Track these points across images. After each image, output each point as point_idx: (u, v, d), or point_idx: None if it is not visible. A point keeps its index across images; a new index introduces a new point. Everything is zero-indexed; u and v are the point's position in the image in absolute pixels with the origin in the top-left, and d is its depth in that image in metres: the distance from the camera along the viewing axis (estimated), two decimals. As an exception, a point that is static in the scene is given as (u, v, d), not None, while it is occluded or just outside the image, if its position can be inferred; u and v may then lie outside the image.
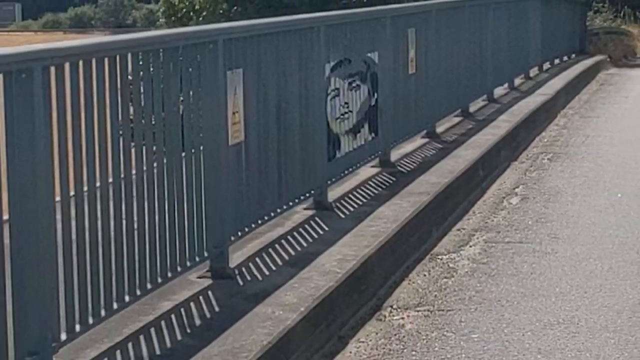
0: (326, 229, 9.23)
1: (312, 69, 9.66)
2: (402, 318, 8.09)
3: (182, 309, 6.90)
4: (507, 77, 21.36)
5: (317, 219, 9.50)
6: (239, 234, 8.13)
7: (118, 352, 6.02)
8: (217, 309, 7.04)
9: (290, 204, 9.15)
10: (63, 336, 5.47)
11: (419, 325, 7.86)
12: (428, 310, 8.23)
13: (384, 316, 8.13)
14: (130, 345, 6.15)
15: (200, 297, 7.21)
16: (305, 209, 9.54)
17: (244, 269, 7.90)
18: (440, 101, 14.84)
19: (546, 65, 27.28)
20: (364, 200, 10.26)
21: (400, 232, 9.56)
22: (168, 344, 6.23)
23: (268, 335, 6.37)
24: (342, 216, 9.61)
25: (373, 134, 11.34)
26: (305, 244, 8.82)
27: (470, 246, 10.11)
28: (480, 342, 7.33)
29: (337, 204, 9.89)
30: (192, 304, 7.06)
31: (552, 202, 12.18)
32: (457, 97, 16.10)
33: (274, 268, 8.03)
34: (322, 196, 9.62)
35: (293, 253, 8.54)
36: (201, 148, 7.40)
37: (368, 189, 10.74)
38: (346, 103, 10.46)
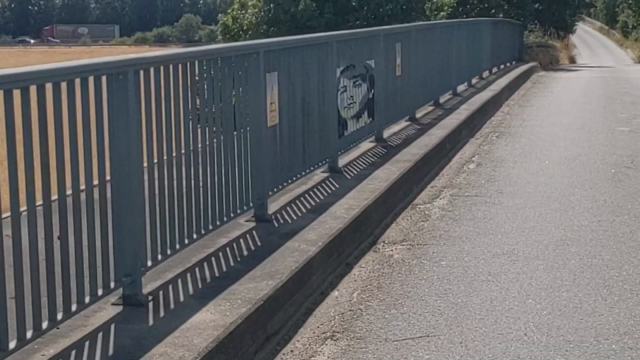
0: (337, 186, 9.28)
1: (327, 72, 9.63)
2: (391, 250, 8.24)
3: (234, 244, 7.11)
4: (466, 78, 21.11)
5: (330, 179, 9.55)
6: (275, 189, 8.24)
7: (188, 274, 6.29)
8: (259, 244, 7.24)
9: (312, 168, 9.20)
10: (149, 263, 5.85)
11: (403, 256, 8.05)
12: (410, 245, 8.40)
13: (378, 249, 8.31)
14: (197, 269, 6.44)
15: (247, 235, 7.41)
16: (322, 172, 9.56)
17: (278, 215, 8.05)
18: (419, 95, 14.65)
19: (494, 69, 27.31)
20: (364, 166, 10.27)
21: (390, 189, 9.56)
22: (224, 268, 6.55)
23: (296, 262, 6.67)
24: (349, 177, 9.63)
25: (371, 119, 11.25)
26: (322, 197, 8.89)
27: (440, 199, 10.22)
28: (447, 268, 7.55)
29: (345, 169, 9.91)
30: (241, 240, 7.28)
31: (498, 167, 12.04)
32: (430, 92, 15.91)
33: (299, 214, 8.22)
34: (334, 163, 9.64)
35: (313, 204, 8.64)
36: (247, 129, 7.56)
37: (367, 158, 10.74)
38: (351, 96, 10.44)
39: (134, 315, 5.49)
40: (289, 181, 8.84)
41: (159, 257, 6.10)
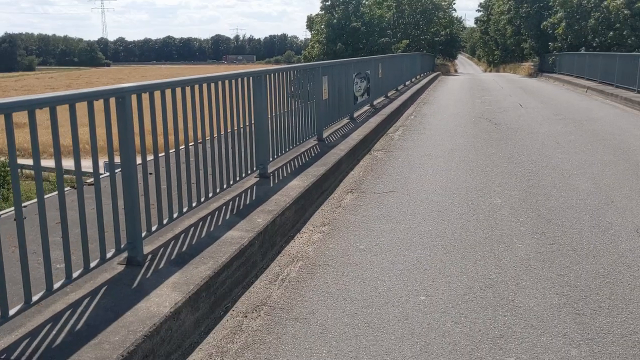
0: (353, 126, 10.54)
1: (348, 76, 10.95)
2: (377, 154, 9.53)
3: (309, 149, 8.14)
4: (408, 78, 24.09)
5: (350, 123, 10.75)
6: (325, 127, 9.31)
7: (289, 163, 7.05)
8: (318, 150, 8.21)
9: (342, 118, 10.65)
10: (271, 158, 6.88)
11: (382, 156, 9.30)
12: (385, 152, 9.67)
13: (371, 154, 9.54)
14: (293, 160, 7.29)
15: (312, 148, 8.27)
16: (346, 120, 10.83)
17: (327, 138, 8.91)
18: (389, 86, 16.95)
19: (422, 75, 30.07)
20: (365, 117, 11.71)
21: (377, 127, 10.81)
22: (304, 160, 7.44)
23: (335, 159, 7.77)
24: (358, 122, 11.00)
25: (367, 96, 13.11)
26: (345, 130, 9.91)
27: (397, 132, 11.91)
28: (402, 159, 8.97)
29: (357, 118, 11.46)
30: (311, 149, 8.25)
31: (424, 118, 14.14)
32: (393, 85, 18.75)
33: (336, 137, 9.22)
34: (352, 115, 11.25)
35: (342, 133, 9.64)
36: (314, 100, 8.49)
37: (365, 114, 12.25)
38: (359, 87, 12.24)
39: (264, 181, 6.06)
40: (332, 123, 9.80)
41: (277, 155, 6.73)
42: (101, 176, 3.70)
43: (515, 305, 3.82)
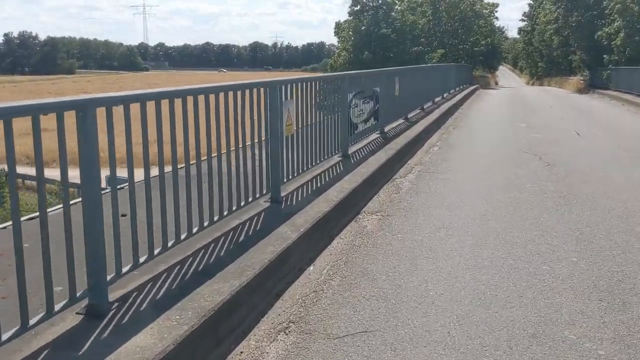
0: (337, 171, 8.05)
1: (342, 95, 8.61)
2: (368, 220, 7.81)
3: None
4: (440, 93, 20.85)
5: (339, 164, 8.09)
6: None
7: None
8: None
9: (332, 154, 8.86)
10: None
11: (376, 225, 6.61)
12: (381, 215, 6.91)
13: (357, 221, 6.72)
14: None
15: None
16: (338, 157, 8.00)
17: (291, 196, 5.83)
18: (412, 104, 13.62)
19: (457, 88, 26.62)
20: (363, 154, 8.79)
21: (378, 170, 7.95)
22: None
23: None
24: (353, 162, 8.32)
25: (375, 121, 9.90)
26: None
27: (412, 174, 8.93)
28: (405, 245, 6.23)
29: (354, 156, 8.62)
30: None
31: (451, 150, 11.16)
32: (418, 102, 15.67)
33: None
34: (347, 150, 8.32)
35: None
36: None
37: (367, 148, 9.15)
38: (361, 111, 9.26)
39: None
40: (306, 169, 6.78)
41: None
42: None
43: None
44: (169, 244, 3.84)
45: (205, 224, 4.34)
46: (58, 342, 2.78)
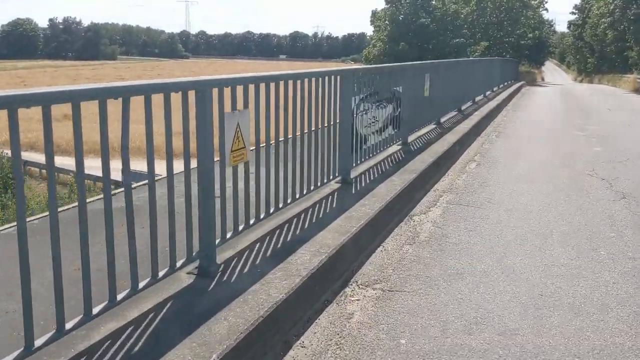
0: (336, 204, 5.91)
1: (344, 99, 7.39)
2: (357, 300, 4.95)
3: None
4: (482, 92, 18.45)
5: (335, 193, 5.91)
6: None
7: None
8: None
9: (329, 181, 6.18)
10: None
11: (370, 313, 4.64)
12: (384, 285, 5.02)
13: (345, 296, 4.51)
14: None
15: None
16: (337, 184, 6.01)
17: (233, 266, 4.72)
18: (445, 106, 11.31)
19: (501, 85, 23.94)
20: (373, 178, 6.59)
21: (387, 206, 5.74)
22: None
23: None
24: (354, 192, 6.23)
25: (396, 130, 7.72)
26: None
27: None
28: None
29: (358, 181, 6.61)
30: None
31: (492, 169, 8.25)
32: (454, 104, 12.82)
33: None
34: (348, 175, 6.15)
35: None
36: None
37: (379, 168, 7.00)
38: (374, 118, 7.23)
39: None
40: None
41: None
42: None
43: None
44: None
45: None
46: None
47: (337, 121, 5.75)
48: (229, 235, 3.87)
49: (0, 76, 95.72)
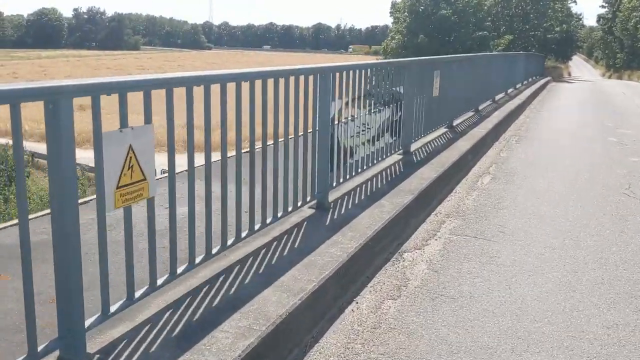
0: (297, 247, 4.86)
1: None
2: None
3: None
4: (503, 89, 17.03)
5: (301, 227, 4.95)
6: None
7: None
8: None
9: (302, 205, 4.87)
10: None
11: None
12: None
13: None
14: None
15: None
16: (311, 210, 4.94)
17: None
18: (459, 107, 9.98)
19: (525, 82, 22.36)
20: (357, 204, 5.34)
21: (367, 243, 4.86)
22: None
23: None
24: (335, 218, 5.30)
25: (395, 137, 6.59)
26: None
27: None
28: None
29: (337, 206, 5.52)
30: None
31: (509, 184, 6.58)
32: (471, 103, 11.12)
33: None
34: (324, 198, 5.12)
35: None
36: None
37: (366, 188, 5.73)
38: (365, 125, 6.16)
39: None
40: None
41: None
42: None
43: None
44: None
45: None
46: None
47: (311, 131, 4.57)
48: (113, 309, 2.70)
49: (23, 65, 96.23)
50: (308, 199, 4.60)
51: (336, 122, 5.01)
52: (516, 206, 6.12)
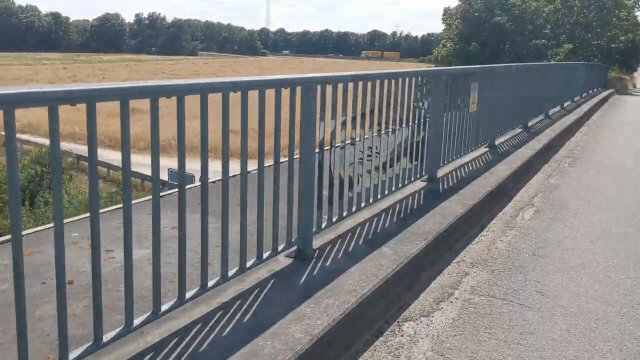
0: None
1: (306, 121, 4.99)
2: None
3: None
4: (559, 102, 15.58)
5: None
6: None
7: None
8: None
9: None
10: None
11: None
12: None
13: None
14: None
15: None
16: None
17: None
18: (502, 123, 8.74)
19: (584, 95, 20.61)
20: (348, 261, 4.48)
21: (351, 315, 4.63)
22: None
23: None
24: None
25: (415, 163, 5.51)
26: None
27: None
28: None
29: (320, 265, 4.26)
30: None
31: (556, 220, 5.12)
32: (517, 119, 9.88)
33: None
34: (307, 249, 4.10)
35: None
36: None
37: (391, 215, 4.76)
38: (377, 151, 5.29)
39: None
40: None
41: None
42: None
43: None
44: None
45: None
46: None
47: (288, 160, 3.54)
48: None
49: (84, 68, 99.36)
50: (281, 247, 3.56)
51: (328, 147, 3.94)
52: (562, 253, 4.89)
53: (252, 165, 3.31)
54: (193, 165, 3.09)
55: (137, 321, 2.60)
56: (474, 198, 5.51)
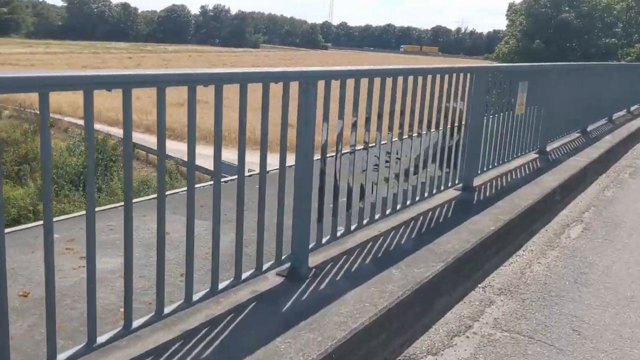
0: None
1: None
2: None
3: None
4: (625, 106, 14.38)
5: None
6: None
7: None
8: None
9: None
10: None
11: None
12: None
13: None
14: None
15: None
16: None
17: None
18: (554, 127, 7.78)
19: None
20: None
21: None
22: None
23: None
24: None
25: (452, 169, 4.90)
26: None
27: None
28: None
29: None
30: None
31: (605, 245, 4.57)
32: (575, 123, 8.96)
33: None
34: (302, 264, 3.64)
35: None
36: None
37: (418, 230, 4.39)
38: (399, 158, 5.09)
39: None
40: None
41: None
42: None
43: None
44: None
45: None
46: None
47: (284, 166, 3.08)
48: None
49: (149, 58, 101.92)
50: (269, 265, 3.12)
51: (333, 151, 3.46)
52: (609, 282, 4.23)
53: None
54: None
55: (62, 356, 2.20)
56: (511, 212, 4.89)
